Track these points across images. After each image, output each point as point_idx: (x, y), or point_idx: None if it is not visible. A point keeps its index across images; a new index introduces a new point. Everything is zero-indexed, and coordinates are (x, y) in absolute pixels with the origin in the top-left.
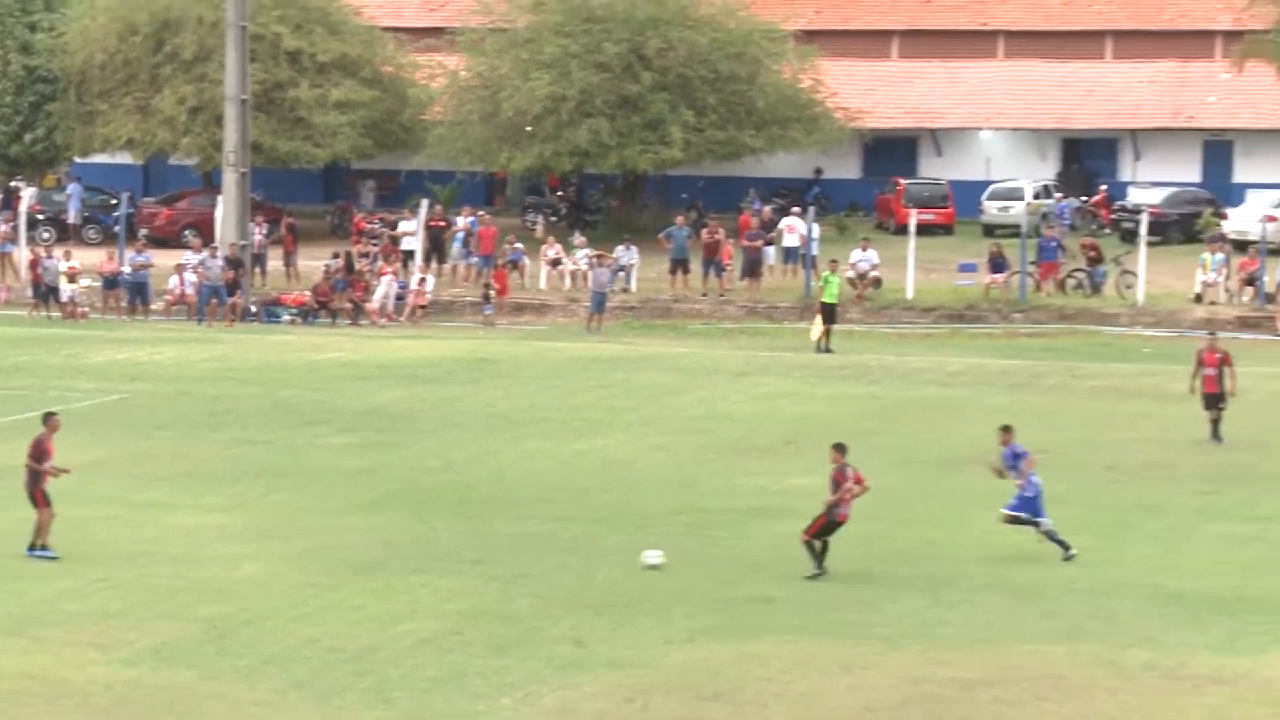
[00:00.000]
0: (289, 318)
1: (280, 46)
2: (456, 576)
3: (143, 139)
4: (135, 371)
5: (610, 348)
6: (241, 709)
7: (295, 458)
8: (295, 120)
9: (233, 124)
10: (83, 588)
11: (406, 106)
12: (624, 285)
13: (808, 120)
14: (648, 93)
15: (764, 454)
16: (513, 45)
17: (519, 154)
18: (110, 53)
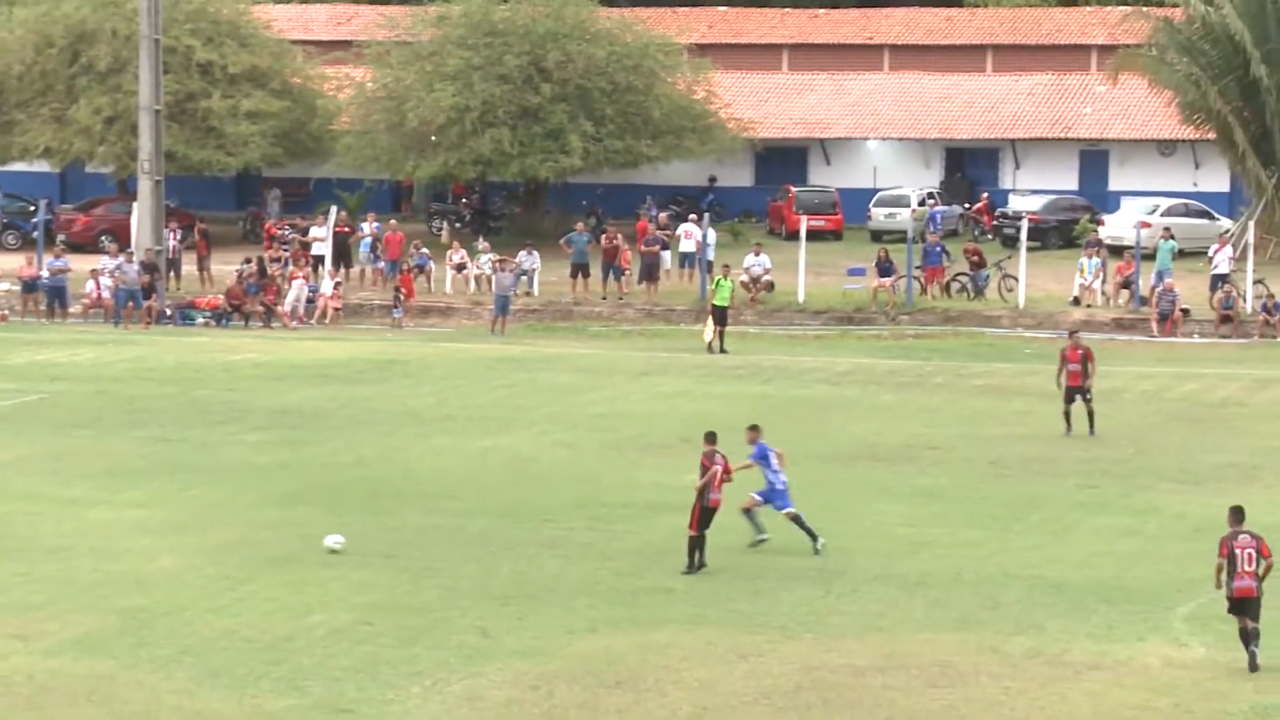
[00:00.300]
0: (203, 320)
1: (192, 59)
2: (367, 569)
3: (60, 148)
4: (55, 372)
5: (514, 349)
6: (160, 697)
7: (210, 455)
8: (207, 130)
9: (147, 133)
10: (4, 581)
11: (315, 116)
12: (526, 289)
13: (702, 130)
14: (548, 104)
15: (662, 450)
16: (417, 58)
17: (424, 162)
18: (27, 64)
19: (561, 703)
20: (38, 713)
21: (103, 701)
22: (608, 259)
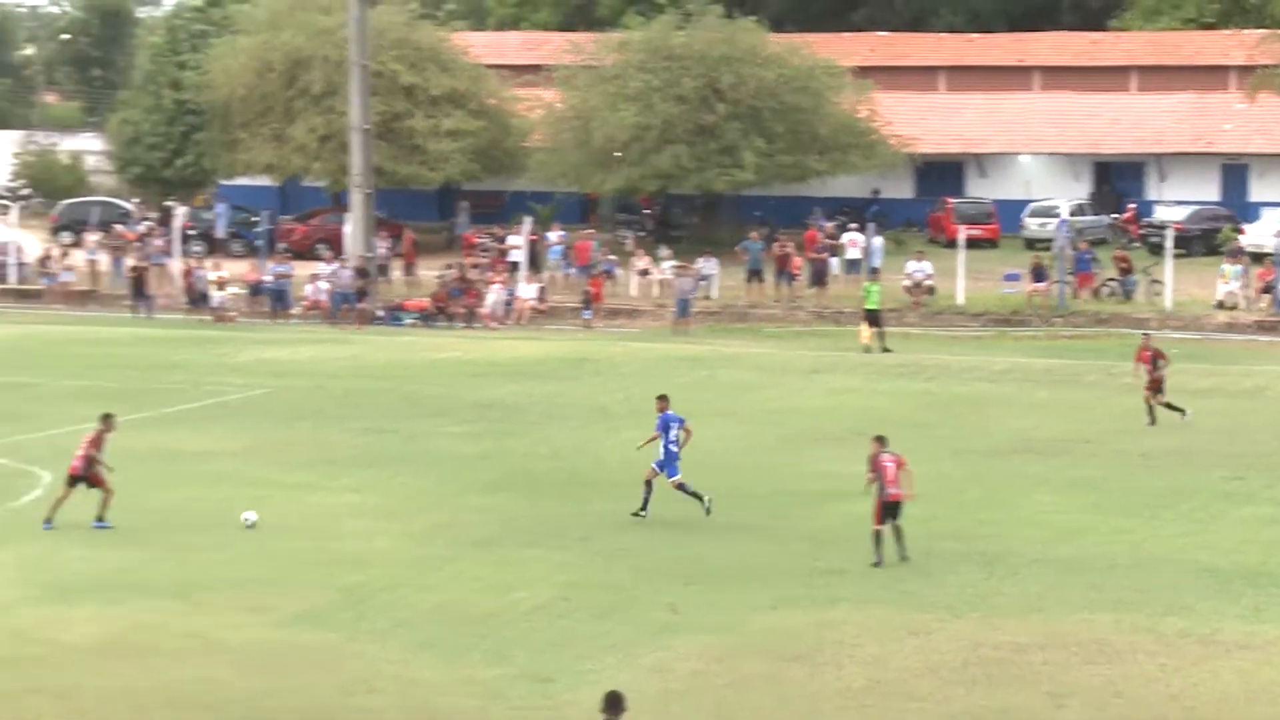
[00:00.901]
0: (411, 321)
1: (398, 82)
2: (564, 551)
3: (279, 164)
4: (278, 369)
5: (695, 348)
6: (379, 666)
7: (419, 445)
8: (412, 147)
9: (357, 150)
10: (238, 558)
11: (509, 135)
12: (705, 293)
13: (865, 146)
14: (722, 122)
15: (833, 443)
16: (602, 80)
17: (610, 177)
18: (250, 88)
19: (744, 675)
20: (269, 679)
21: (327, 669)
22: (779, 265)
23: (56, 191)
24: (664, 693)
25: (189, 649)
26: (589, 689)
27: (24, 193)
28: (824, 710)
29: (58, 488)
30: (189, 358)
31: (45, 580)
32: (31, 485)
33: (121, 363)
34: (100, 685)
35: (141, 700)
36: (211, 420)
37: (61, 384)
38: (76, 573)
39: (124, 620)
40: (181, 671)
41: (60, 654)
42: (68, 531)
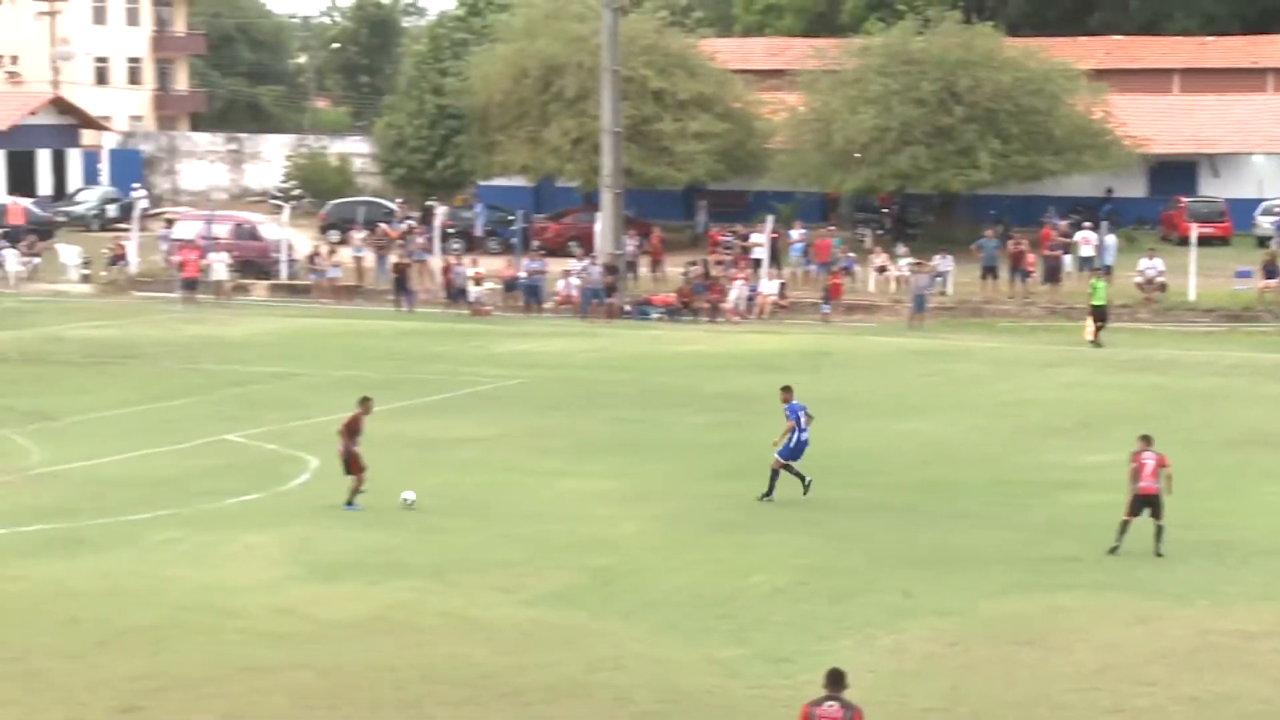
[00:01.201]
0: (657, 316)
1: (647, 87)
2: (802, 535)
3: (534, 165)
4: (530, 360)
5: (930, 342)
6: (624, 645)
7: (663, 434)
8: (660, 149)
9: (608, 152)
10: (490, 541)
11: (753, 137)
12: (941, 289)
13: (1099, 147)
14: (959, 124)
15: (1064, 434)
16: (843, 84)
17: (849, 177)
18: (507, 93)
19: (977, 658)
20: (520, 656)
21: (575, 648)
22: (1014, 262)
23: (325, 192)
24: (898, 674)
25: (444, 626)
26: (825, 670)
27: (295, 193)
28: (1054, 693)
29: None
30: (447, 349)
31: (310, 560)
32: (299, 470)
33: (384, 354)
34: (361, 660)
35: (400, 675)
36: (467, 409)
37: (328, 374)
38: (339, 553)
39: (383, 599)
40: (437, 648)
41: (324, 630)
42: (330, 514)
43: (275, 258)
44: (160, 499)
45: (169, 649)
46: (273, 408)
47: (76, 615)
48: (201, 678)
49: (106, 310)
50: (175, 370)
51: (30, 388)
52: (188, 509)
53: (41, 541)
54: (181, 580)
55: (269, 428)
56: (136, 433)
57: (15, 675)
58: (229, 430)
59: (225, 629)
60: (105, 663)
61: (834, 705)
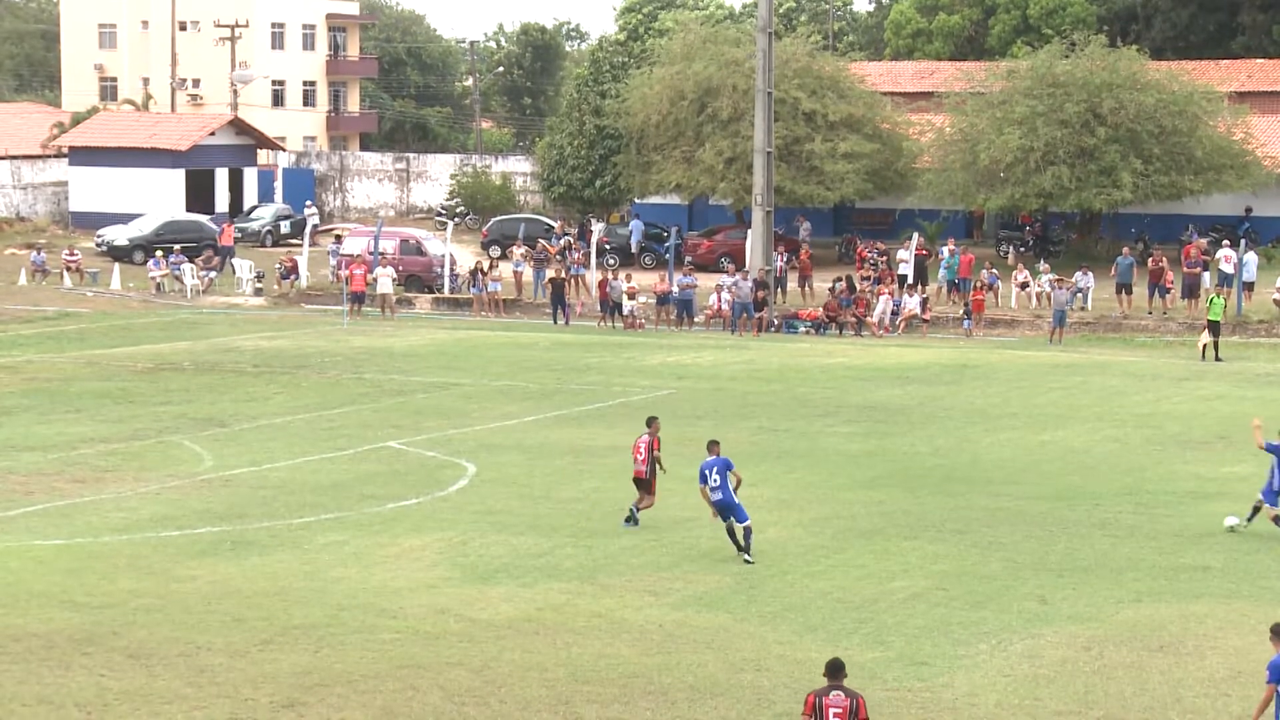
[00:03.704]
0: (804, 329)
1: (799, 108)
2: (941, 543)
3: (688, 184)
4: (681, 371)
5: (1070, 356)
6: (767, 647)
7: (809, 443)
8: (810, 168)
9: (760, 171)
10: (639, 545)
11: (900, 156)
12: (1081, 305)
13: (1239, 167)
14: (1102, 144)
15: (1202, 446)
16: (989, 106)
17: (993, 195)
18: (663, 114)
19: (1110, 663)
20: (667, 656)
21: (719, 648)
22: (1153, 279)
23: (487, 209)
24: (1033, 678)
25: (594, 627)
26: (963, 674)
27: (459, 210)
28: (1186, 698)
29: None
30: (601, 361)
31: (466, 563)
32: (458, 476)
33: (540, 365)
34: (514, 660)
35: (551, 674)
36: (619, 418)
37: (487, 384)
38: (493, 556)
39: (536, 600)
40: (587, 648)
41: (478, 630)
42: (486, 518)
43: (439, 272)
44: (324, 503)
45: (330, 647)
46: (433, 416)
47: (243, 614)
48: (360, 675)
49: (277, 322)
50: (341, 379)
51: (204, 396)
52: (350, 513)
53: (211, 543)
54: (343, 581)
55: (429, 435)
56: (303, 439)
57: (183, 671)
58: (391, 437)
59: (384, 628)
60: (269, 659)
61: (839, 694)
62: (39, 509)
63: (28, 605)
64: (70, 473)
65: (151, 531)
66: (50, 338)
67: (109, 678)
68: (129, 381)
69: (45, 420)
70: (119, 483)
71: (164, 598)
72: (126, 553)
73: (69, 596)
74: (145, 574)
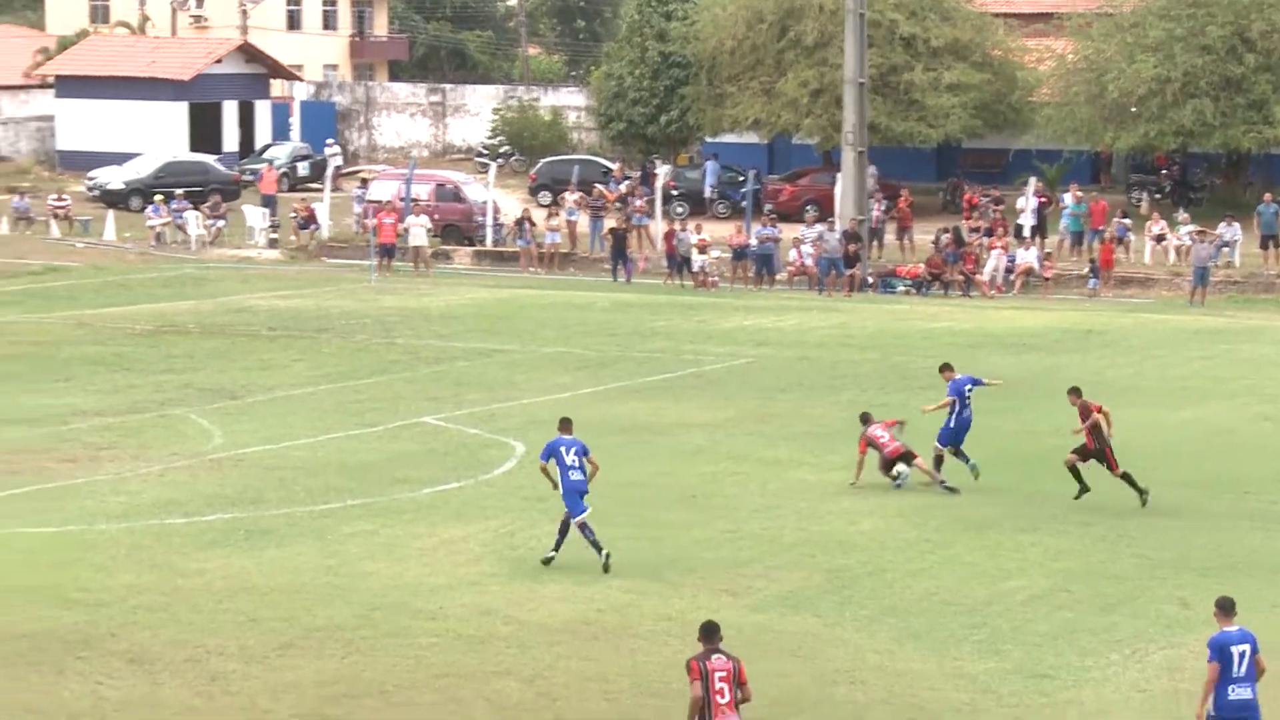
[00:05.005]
0: (903, 288)
1: (896, 32)
2: (1064, 536)
3: (768, 120)
4: (761, 337)
5: (1213, 320)
6: (863, 655)
7: (908, 419)
8: (909, 102)
9: (851, 106)
10: (714, 538)
11: (1015, 88)
12: (1227, 260)
13: None
14: (1251, 74)
15: None
16: (1118, 29)
17: (1124, 133)
18: (739, 39)
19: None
20: (747, 665)
21: (807, 657)
22: None
23: (535, 149)
24: (1174, 692)
25: (662, 632)
26: (1091, 688)
27: (503, 150)
28: None
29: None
30: (668, 325)
31: (515, 556)
32: (504, 457)
33: (599, 329)
34: (571, 668)
35: (612, 685)
36: (690, 390)
37: (537, 351)
38: (546, 549)
39: (595, 600)
40: (655, 655)
41: (529, 634)
42: (536, 505)
43: (480, 221)
44: (351, 487)
45: (359, 652)
46: (475, 388)
47: (259, 614)
48: (394, 685)
49: (295, 278)
50: (369, 345)
51: (212, 363)
52: (381, 498)
53: (222, 532)
54: (373, 577)
55: (471, 410)
56: (326, 413)
57: (192, 679)
58: (427, 412)
59: (420, 631)
60: (289, 666)
61: (721, 657)
62: (26, 491)
63: (14, 602)
64: (61, 450)
65: (154, 518)
66: (36, 295)
67: (107, 685)
68: (126, 346)
69: (32, 390)
70: (116, 462)
71: (168, 595)
72: (126, 543)
73: (61, 592)
74: (147, 567)
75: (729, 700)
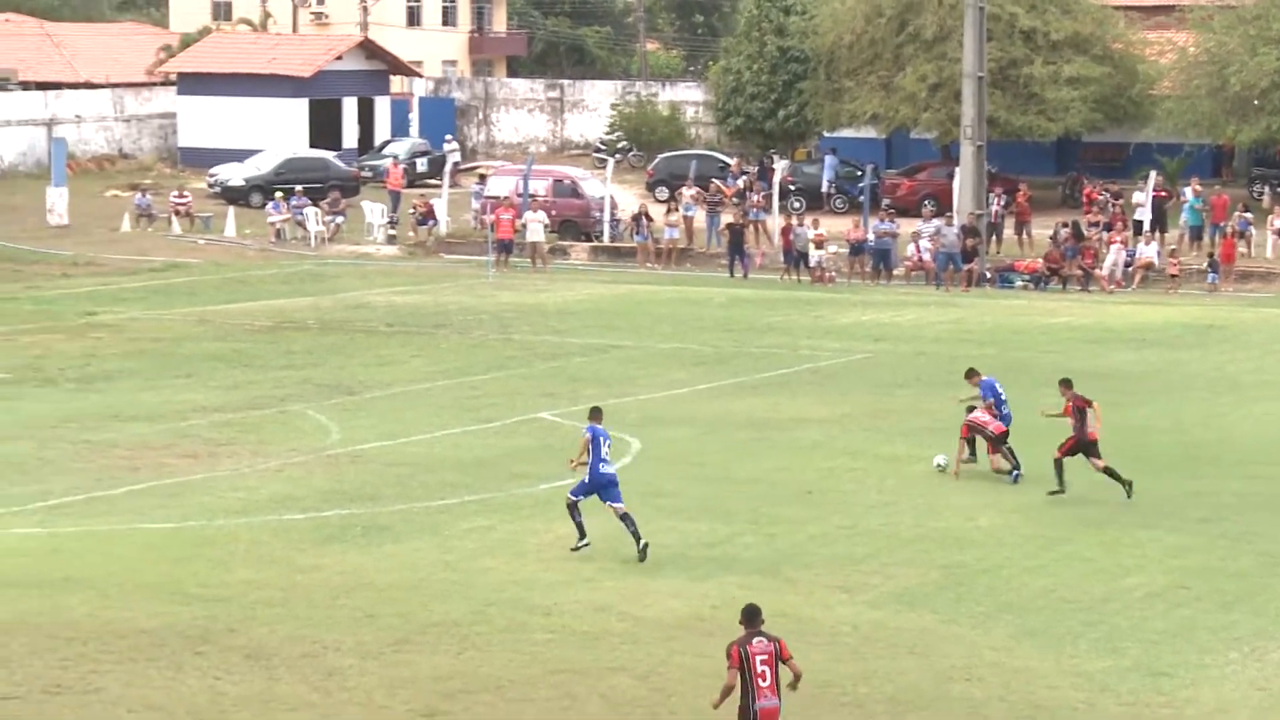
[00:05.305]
0: (1021, 283)
1: (1015, 26)
2: (1183, 533)
3: (886, 114)
4: (878, 332)
5: None
6: (979, 653)
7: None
8: (1028, 96)
9: (970, 100)
10: (829, 534)
11: (1135, 81)
12: None
13: None
14: None
15: None
16: (1241, 21)
17: (1245, 127)
18: (857, 33)
19: None
20: (861, 663)
21: (922, 654)
22: None
23: (653, 144)
24: None
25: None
26: (1210, 686)
27: (620, 146)
28: None
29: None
30: (785, 320)
31: (629, 553)
32: (620, 453)
33: (715, 324)
34: (685, 664)
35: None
36: (806, 386)
37: (653, 346)
38: (661, 545)
39: (710, 596)
40: None
41: (643, 630)
42: (651, 501)
43: (597, 217)
44: (468, 483)
45: (474, 648)
46: (592, 383)
47: (375, 610)
48: (509, 680)
49: (413, 274)
50: (486, 341)
51: (330, 359)
52: (498, 494)
53: (339, 528)
54: (489, 573)
55: (587, 405)
56: (443, 409)
57: (309, 674)
58: (543, 408)
59: (535, 627)
60: (405, 662)
61: (761, 640)
62: (146, 487)
63: (134, 597)
64: (180, 446)
65: (272, 514)
66: (157, 292)
67: (225, 681)
68: (246, 342)
69: (152, 386)
70: (235, 458)
71: (286, 590)
72: (244, 538)
73: (180, 588)
74: (265, 563)
75: (770, 683)
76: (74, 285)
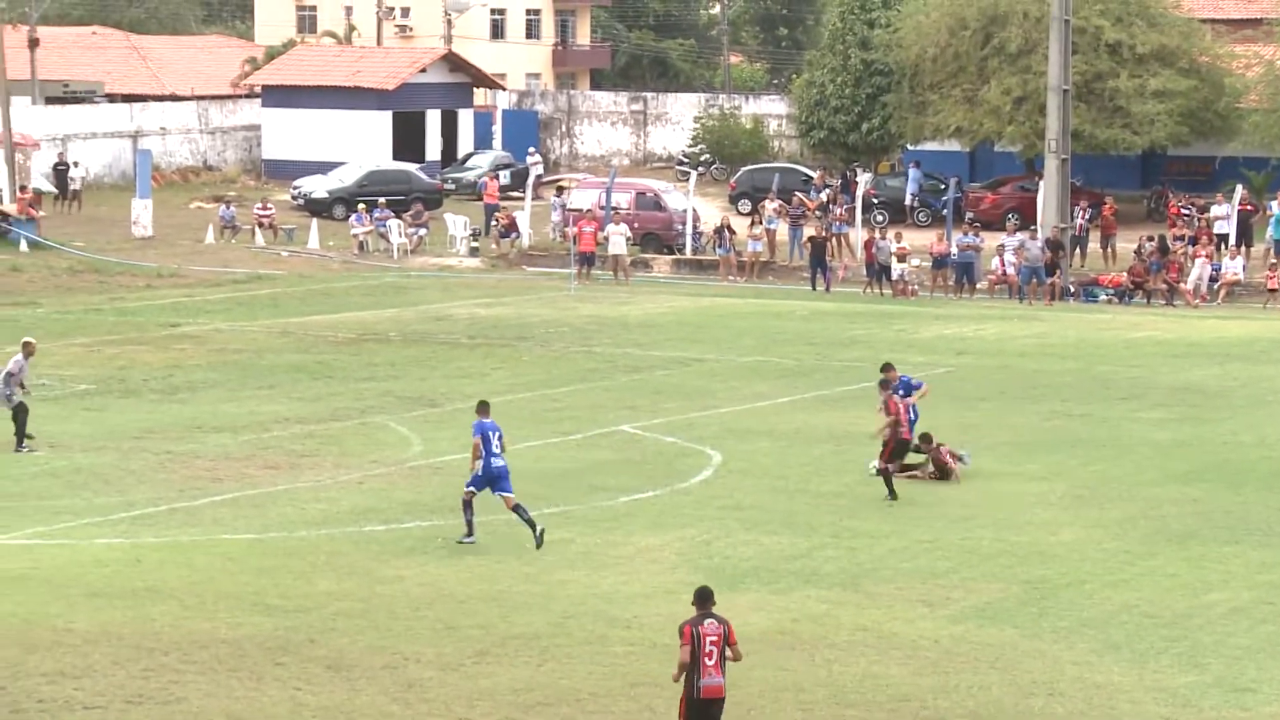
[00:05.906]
0: (1105, 298)
1: (1101, 39)
2: (1268, 549)
3: (970, 127)
4: (961, 346)
5: None
6: (1061, 668)
7: (1111, 430)
8: (1114, 109)
9: (1054, 113)
10: (911, 547)
11: (1222, 95)
12: None
13: None
14: None
15: None
16: None
17: None
18: (941, 47)
19: None
20: (942, 677)
21: (1004, 669)
22: None
23: (736, 157)
24: None
25: (859, 642)
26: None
27: (704, 158)
28: None
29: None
30: (867, 333)
31: (710, 565)
32: (700, 466)
33: (797, 338)
34: (765, 678)
35: (807, 696)
36: None
37: (735, 360)
38: (742, 558)
39: (790, 610)
40: (850, 666)
41: None
42: (732, 514)
43: (680, 230)
44: (549, 495)
45: (554, 660)
46: (673, 396)
47: (455, 622)
48: (589, 693)
49: (495, 287)
50: (568, 353)
51: (412, 371)
52: (578, 507)
53: (420, 540)
54: (570, 585)
55: (668, 418)
56: (524, 421)
57: (390, 685)
58: (625, 420)
59: (615, 640)
60: (485, 673)
61: (712, 621)
62: (228, 498)
63: (215, 608)
64: (263, 457)
65: (353, 525)
66: (240, 304)
67: (305, 691)
68: (328, 354)
69: (235, 398)
70: (317, 469)
71: (367, 601)
72: (325, 549)
73: (261, 599)
74: (346, 574)
75: (715, 662)
76: (158, 297)
